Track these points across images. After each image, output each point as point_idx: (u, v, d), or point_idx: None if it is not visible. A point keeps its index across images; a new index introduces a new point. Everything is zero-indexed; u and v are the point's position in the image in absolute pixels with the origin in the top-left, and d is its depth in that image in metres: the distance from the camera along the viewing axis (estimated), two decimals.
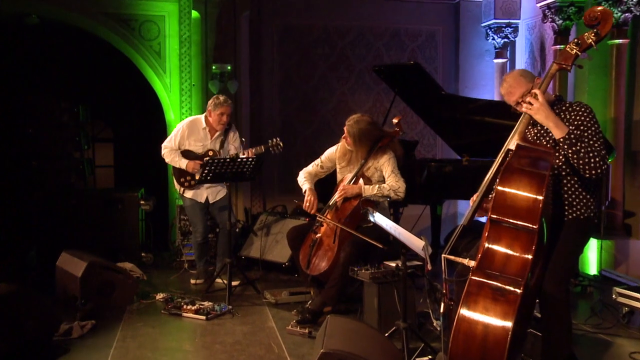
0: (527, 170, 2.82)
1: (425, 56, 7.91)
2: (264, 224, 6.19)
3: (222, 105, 5.24)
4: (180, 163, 5.28)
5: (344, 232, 4.40)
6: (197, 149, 5.33)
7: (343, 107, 7.65)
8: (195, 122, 5.38)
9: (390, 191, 4.41)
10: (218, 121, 5.26)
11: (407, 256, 3.63)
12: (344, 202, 4.51)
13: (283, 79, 7.62)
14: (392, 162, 4.51)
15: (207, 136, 5.34)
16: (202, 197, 5.36)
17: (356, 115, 4.58)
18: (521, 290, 2.66)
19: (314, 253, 4.51)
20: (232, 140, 5.42)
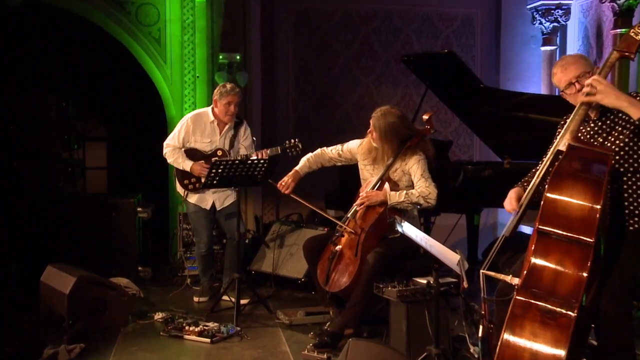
0: (580, 174, 2.78)
1: (461, 44, 7.88)
2: (277, 235, 6.20)
3: (229, 94, 5.25)
4: (184, 165, 5.30)
5: (368, 243, 4.38)
6: (204, 147, 5.34)
7: (367, 102, 7.64)
8: (201, 116, 5.39)
9: (419, 197, 4.39)
10: (225, 112, 5.27)
11: (440, 272, 3.60)
12: (367, 210, 4.49)
13: (299, 70, 7.63)
14: (422, 165, 4.48)
15: (215, 131, 5.36)
16: (208, 203, 5.38)
17: (384, 107, 4.57)
18: (575, 313, 2.62)
19: (334, 267, 4.50)
20: (242, 137, 5.43)
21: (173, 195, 6.82)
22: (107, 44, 7.06)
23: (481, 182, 5.62)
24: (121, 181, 8.30)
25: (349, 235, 4.52)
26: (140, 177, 7.81)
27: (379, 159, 4.58)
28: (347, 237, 4.53)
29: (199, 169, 5.27)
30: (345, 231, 4.54)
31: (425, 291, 3.99)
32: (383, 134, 4.49)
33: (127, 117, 8.23)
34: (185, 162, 5.29)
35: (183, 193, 5.40)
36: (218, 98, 5.28)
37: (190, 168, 5.28)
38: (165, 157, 5.40)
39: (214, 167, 4.87)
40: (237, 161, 4.91)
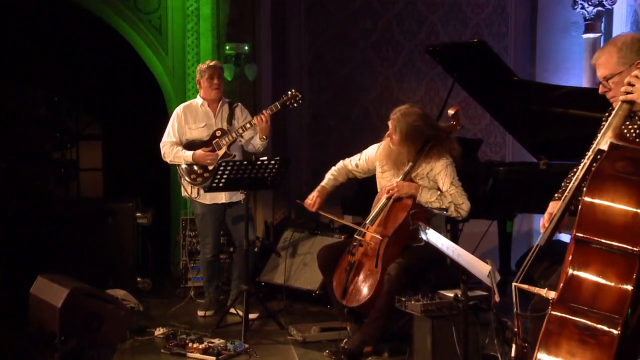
0: (624, 176, 2.75)
1: (492, 32, 7.86)
2: (289, 243, 6.22)
3: (209, 67, 5.43)
4: (185, 157, 5.36)
5: (389, 253, 4.39)
6: (200, 133, 5.43)
7: (388, 97, 7.64)
8: (190, 104, 5.55)
9: (451, 204, 4.40)
10: (209, 86, 5.42)
11: (468, 284, 3.60)
12: (389, 216, 4.50)
13: (313, 62, 7.65)
14: (450, 171, 4.48)
15: (208, 113, 5.48)
16: (219, 198, 5.45)
17: (404, 107, 4.58)
18: (618, 330, 2.59)
19: (352, 279, 4.51)
20: (241, 117, 5.55)
21: (175, 199, 6.86)
22: (102, 33, 7.11)
23: (515, 185, 5.60)
24: (118, 184, 8.35)
25: (368, 243, 4.52)
26: (139, 180, 7.86)
27: (399, 163, 4.58)
28: (366, 245, 4.54)
29: (202, 155, 5.32)
30: (363, 239, 4.54)
31: (453, 305, 3.98)
32: (404, 137, 4.50)
33: (124, 114, 8.29)
34: (186, 153, 5.35)
35: (191, 192, 5.43)
36: (200, 77, 5.45)
37: (192, 157, 5.33)
38: (165, 158, 5.45)
39: (220, 167, 4.89)
40: (245, 162, 4.94)
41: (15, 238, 6.16)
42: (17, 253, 6.10)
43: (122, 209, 6.33)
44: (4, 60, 7.59)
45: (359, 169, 4.90)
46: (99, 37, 7.44)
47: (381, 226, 4.51)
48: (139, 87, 7.61)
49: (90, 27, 7.30)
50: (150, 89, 7.08)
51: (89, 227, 6.27)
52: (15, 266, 6.01)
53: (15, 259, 6.08)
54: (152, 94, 7.07)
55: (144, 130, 7.80)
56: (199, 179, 5.38)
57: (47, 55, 7.86)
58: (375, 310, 4.34)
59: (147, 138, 6.71)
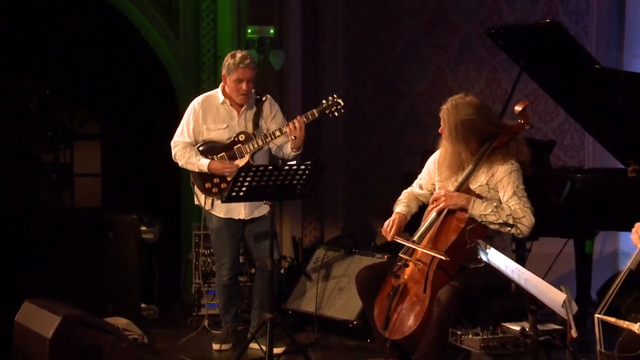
0: None
1: (568, 10, 7.75)
2: (322, 263, 6.22)
3: (238, 68, 5.32)
4: (199, 165, 5.34)
5: (441, 276, 4.36)
6: (221, 135, 5.40)
7: (440, 90, 7.58)
8: (210, 99, 5.49)
9: (509, 217, 4.34)
10: (236, 91, 5.36)
11: (538, 316, 3.56)
12: (441, 231, 4.47)
13: (351, 48, 7.64)
14: (514, 178, 4.43)
15: (230, 112, 5.44)
16: (239, 212, 5.44)
17: (457, 96, 4.54)
18: None
19: (395, 306, 4.49)
20: (270, 115, 5.50)
21: (187, 210, 6.89)
22: (101, 14, 7.17)
23: (596, 196, 5.54)
24: (119, 192, 8.37)
25: (416, 264, 4.50)
26: (145, 187, 7.90)
27: (454, 166, 4.54)
28: (413, 266, 4.51)
29: (220, 166, 5.31)
30: (411, 259, 4.52)
31: (519, 341, 3.92)
32: (454, 132, 4.47)
33: (127, 109, 8.31)
34: (201, 161, 5.33)
35: (205, 203, 5.43)
36: (226, 73, 5.37)
37: (207, 167, 5.32)
38: (176, 160, 5.46)
39: (240, 175, 4.89)
40: (270, 167, 4.92)
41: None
42: (0, 273, 6.13)
43: (124, 222, 6.35)
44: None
45: (424, 190, 4.84)
46: (97, 19, 7.50)
47: (431, 243, 4.49)
48: (145, 78, 7.66)
49: (87, 8, 7.37)
50: (157, 80, 7.12)
51: (85, 243, 6.30)
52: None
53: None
54: (160, 86, 7.11)
55: (150, 129, 7.86)
56: (215, 189, 5.37)
57: (37, 42, 7.92)
58: (423, 345, 4.30)
59: (154, 137, 6.75)
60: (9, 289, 5.89)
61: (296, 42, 7.37)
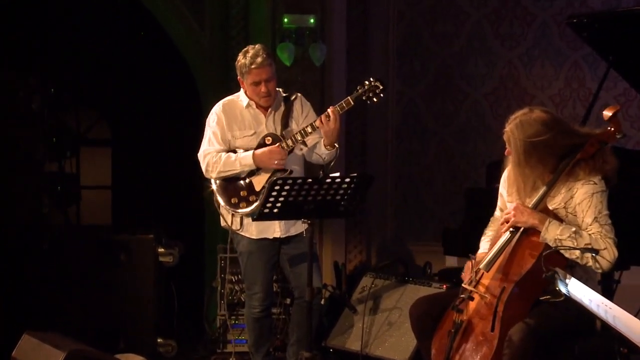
0: None
1: None
2: (369, 293, 6.20)
3: (251, 70, 5.28)
4: (241, 160, 5.32)
5: (511, 311, 4.31)
6: (248, 143, 5.39)
7: (510, 89, 7.54)
8: (232, 104, 5.49)
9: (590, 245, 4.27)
10: (256, 94, 5.36)
11: None
12: (514, 257, 4.41)
13: (404, 41, 7.63)
14: (597, 202, 4.33)
15: (257, 116, 5.43)
16: (273, 230, 5.43)
17: (521, 113, 4.44)
18: None
19: (457, 347, 4.42)
20: (301, 115, 5.49)
21: (212, 229, 6.92)
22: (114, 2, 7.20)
23: None
24: (133, 207, 8.42)
25: (481, 296, 4.45)
26: (163, 201, 7.94)
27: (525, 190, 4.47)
28: (479, 299, 4.46)
29: (268, 154, 5.28)
30: (476, 290, 4.47)
31: None
32: (523, 156, 4.38)
33: (142, 111, 8.37)
34: (241, 155, 5.32)
35: (233, 223, 5.42)
36: (240, 75, 5.38)
37: (253, 158, 5.29)
38: (209, 174, 5.39)
39: (272, 189, 4.87)
40: (309, 180, 4.90)
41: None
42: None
43: (138, 243, 6.38)
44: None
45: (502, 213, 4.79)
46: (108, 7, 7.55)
47: (501, 272, 4.43)
48: (164, 76, 7.70)
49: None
50: (178, 77, 7.15)
51: (93, 267, 6.33)
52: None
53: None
54: (182, 85, 7.13)
55: (169, 134, 7.91)
56: (243, 204, 5.34)
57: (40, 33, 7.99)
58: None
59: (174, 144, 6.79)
60: (5, 320, 5.92)
61: (340, 34, 7.36)
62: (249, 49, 5.38)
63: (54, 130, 7.02)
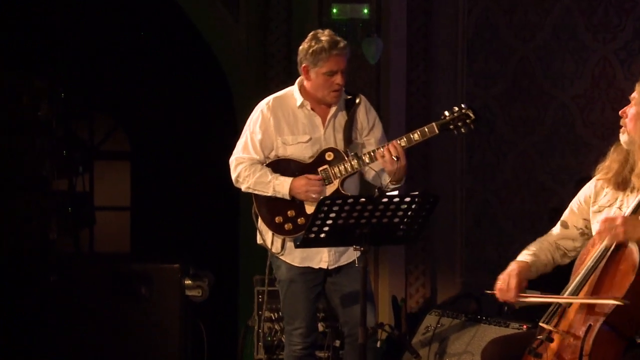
0: None
1: None
2: (434, 334, 6.19)
3: (330, 54, 5.22)
4: (275, 185, 5.29)
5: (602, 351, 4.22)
6: (301, 152, 5.36)
7: (605, 90, 7.49)
8: (283, 101, 5.43)
9: None
10: (327, 87, 5.27)
11: None
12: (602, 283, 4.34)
13: (477, 35, 7.65)
14: None
15: (312, 119, 5.38)
16: (320, 259, 5.40)
17: None
18: None
19: None
20: (365, 126, 5.43)
21: (247, 258, 6.98)
22: None
23: None
24: (155, 231, 8.46)
25: (564, 337, 4.39)
26: (190, 225, 7.98)
27: None
28: (560, 341, 4.40)
29: (305, 184, 5.24)
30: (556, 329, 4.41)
31: None
32: None
33: (166, 118, 8.43)
34: (278, 180, 5.28)
35: (273, 244, 5.39)
36: (310, 63, 5.27)
37: (290, 187, 5.25)
38: (238, 184, 5.39)
39: (321, 208, 4.83)
40: (363, 199, 4.86)
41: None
42: None
43: (161, 274, 6.42)
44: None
45: (569, 229, 4.71)
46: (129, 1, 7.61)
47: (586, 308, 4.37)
48: (192, 77, 7.74)
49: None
50: (209, 78, 7.16)
51: (109, 302, 6.37)
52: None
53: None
54: (213, 87, 7.15)
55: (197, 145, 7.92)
56: (288, 225, 5.32)
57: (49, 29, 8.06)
58: None
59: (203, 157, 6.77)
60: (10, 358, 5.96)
61: (399, 26, 7.36)
62: (318, 32, 5.33)
63: (64, 142, 7.10)
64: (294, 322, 5.49)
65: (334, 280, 5.45)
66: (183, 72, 7.89)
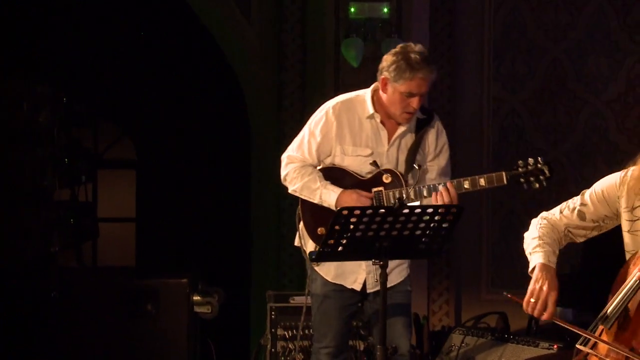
0: None
1: None
2: (458, 354, 6.19)
3: (416, 74, 5.14)
4: (322, 193, 5.28)
5: None
6: (359, 165, 5.35)
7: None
8: (352, 106, 5.38)
9: None
10: (401, 107, 5.21)
11: None
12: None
13: (504, 35, 7.66)
14: None
15: (379, 133, 5.36)
16: (357, 279, 5.42)
17: None
18: None
19: None
20: (432, 149, 5.42)
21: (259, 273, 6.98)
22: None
23: None
24: (163, 245, 8.47)
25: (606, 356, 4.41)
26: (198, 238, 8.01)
27: None
28: None
29: (355, 200, 5.21)
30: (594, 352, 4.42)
31: None
32: None
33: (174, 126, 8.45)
34: (327, 188, 5.28)
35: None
36: (391, 77, 5.20)
37: (337, 198, 5.24)
38: (285, 182, 5.40)
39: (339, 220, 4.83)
40: (382, 210, 4.87)
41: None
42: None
43: (168, 289, 6.45)
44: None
45: (587, 222, 4.70)
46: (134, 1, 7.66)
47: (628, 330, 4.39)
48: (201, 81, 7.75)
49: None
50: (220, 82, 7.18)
51: (113, 319, 6.40)
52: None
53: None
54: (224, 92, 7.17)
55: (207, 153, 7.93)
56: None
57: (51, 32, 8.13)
58: None
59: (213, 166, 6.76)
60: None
61: (421, 26, 7.38)
62: (409, 47, 5.21)
63: (66, 150, 7.10)
64: (323, 340, 5.49)
65: (372, 304, 5.44)
66: (193, 76, 7.92)
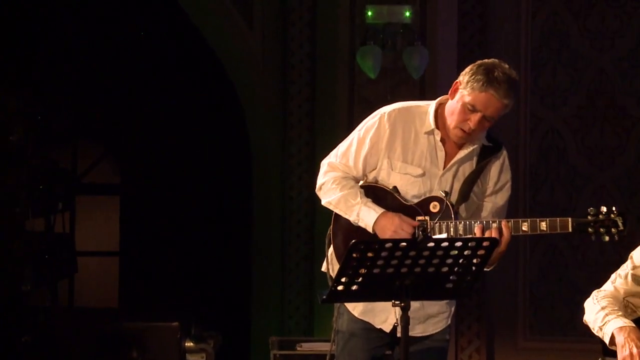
0: None
1: None
2: None
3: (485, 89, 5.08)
4: (360, 212, 5.19)
5: None
6: (406, 185, 5.26)
7: None
8: (410, 116, 5.30)
9: None
10: (458, 120, 5.11)
11: None
12: None
13: (543, 42, 7.64)
14: None
15: (435, 153, 5.28)
16: (383, 316, 5.32)
17: None
18: None
19: None
20: (492, 185, 5.33)
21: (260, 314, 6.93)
22: None
23: None
24: (150, 282, 8.46)
25: None
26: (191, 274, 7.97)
27: None
28: None
29: (397, 224, 5.13)
30: None
31: None
32: None
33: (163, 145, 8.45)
34: (365, 206, 5.19)
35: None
36: (464, 82, 5.13)
37: (377, 219, 5.17)
38: (318, 193, 5.33)
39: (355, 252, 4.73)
40: (403, 242, 4.76)
41: None
42: None
43: (157, 334, 6.45)
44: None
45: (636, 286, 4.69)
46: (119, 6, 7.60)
47: None
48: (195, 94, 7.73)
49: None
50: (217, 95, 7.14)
51: None
52: None
53: None
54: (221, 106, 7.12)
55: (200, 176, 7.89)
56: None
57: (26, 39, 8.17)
58: None
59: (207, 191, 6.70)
60: None
61: (448, 32, 7.37)
62: (498, 66, 5.10)
63: (41, 173, 7.11)
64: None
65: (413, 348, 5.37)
66: (185, 87, 7.94)
